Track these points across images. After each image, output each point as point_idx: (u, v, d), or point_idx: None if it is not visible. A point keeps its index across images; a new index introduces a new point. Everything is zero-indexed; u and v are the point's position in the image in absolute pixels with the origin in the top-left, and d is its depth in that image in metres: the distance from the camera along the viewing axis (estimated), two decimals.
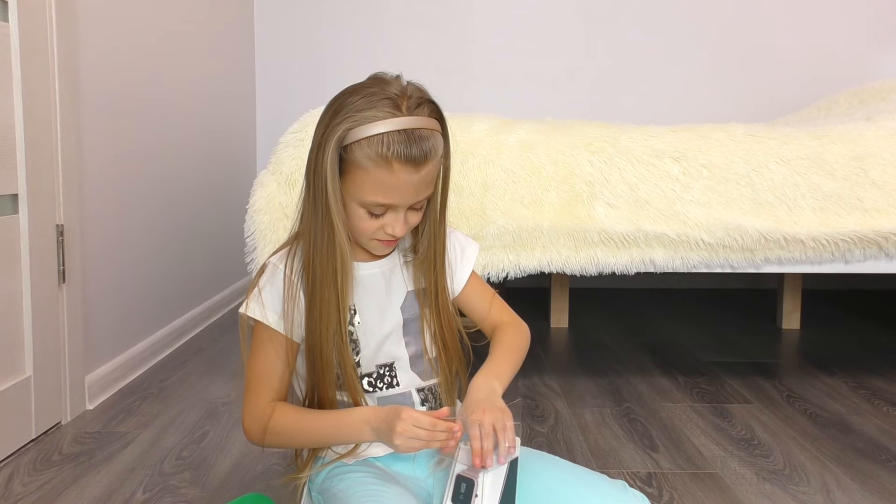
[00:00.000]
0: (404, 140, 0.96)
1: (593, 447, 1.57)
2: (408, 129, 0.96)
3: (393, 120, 0.96)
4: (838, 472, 1.45)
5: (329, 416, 1.05)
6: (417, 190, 1.00)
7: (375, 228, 1.02)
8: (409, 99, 0.99)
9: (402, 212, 1.01)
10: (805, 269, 1.89)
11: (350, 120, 0.97)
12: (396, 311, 1.11)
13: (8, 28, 1.49)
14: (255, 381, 1.07)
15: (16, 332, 1.53)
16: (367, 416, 1.01)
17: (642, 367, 2.17)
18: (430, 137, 0.98)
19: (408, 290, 1.12)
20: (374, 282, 1.10)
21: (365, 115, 0.97)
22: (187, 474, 1.42)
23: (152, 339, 2.18)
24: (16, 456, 1.50)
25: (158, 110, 2.25)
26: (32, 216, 1.56)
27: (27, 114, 1.54)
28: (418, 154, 0.96)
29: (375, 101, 0.97)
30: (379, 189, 0.98)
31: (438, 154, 1.01)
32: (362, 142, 0.96)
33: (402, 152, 0.95)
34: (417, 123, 0.97)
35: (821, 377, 2.08)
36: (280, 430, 1.05)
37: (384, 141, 0.95)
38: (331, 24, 3.30)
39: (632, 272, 1.86)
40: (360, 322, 1.09)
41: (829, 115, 2.77)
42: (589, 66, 3.32)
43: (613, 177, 1.84)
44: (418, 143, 0.96)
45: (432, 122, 1.00)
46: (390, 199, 0.99)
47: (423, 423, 0.94)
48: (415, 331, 1.12)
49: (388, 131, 0.96)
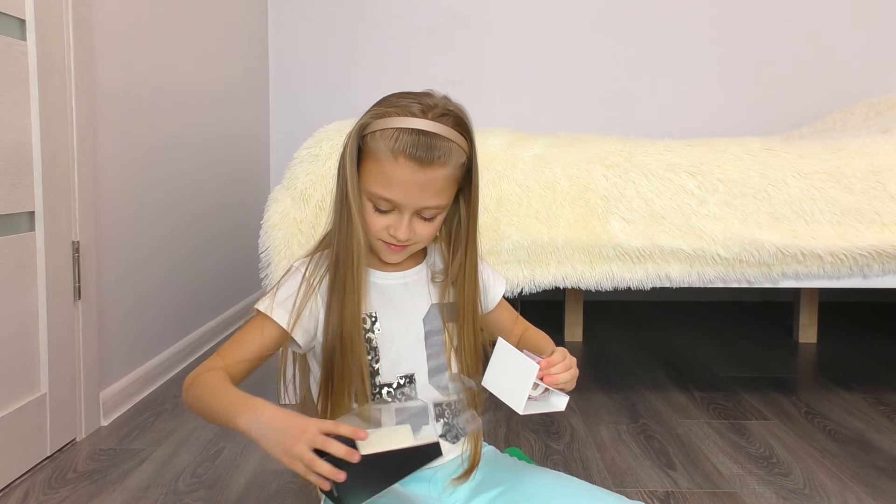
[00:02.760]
0: (415, 139, 0.99)
1: (609, 465, 1.56)
2: (422, 130, 0.99)
3: (412, 119, 1.00)
4: (859, 491, 1.43)
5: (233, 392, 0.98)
6: (422, 192, 1.01)
7: (381, 227, 1.04)
8: (436, 108, 1.02)
9: (406, 215, 1.02)
10: (823, 284, 1.88)
11: (375, 113, 1.02)
12: (419, 321, 1.11)
13: (26, 47, 1.50)
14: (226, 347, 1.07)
15: (31, 350, 1.54)
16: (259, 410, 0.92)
17: (658, 382, 2.15)
18: (443, 144, 1.00)
19: (432, 302, 1.12)
20: (397, 291, 1.11)
21: (390, 110, 1.01)
22: (202, 492, 1.42)
23: (166, 354, 2.18)
24: (31, 474, 1.50)
25: (174, 128, 2.26)
26: (49, 233, 1.57)
27: (44, 132, 1.54)
28: (425, 154, 0.99)
29: (407, 103, 1.01)
30: (384, 181, 1.00)
31: (450, 162, 1.01)
32: (377, 133, 1.00)
33: (410, 148, 0.98)
34: (434, 129, 1.00)
35: (839, 392, 2.06)
36: (197, 388, 1.01)
37: (396, 135, 0.99)
38: (345, 40, 3.31)
39: (647, 287, 1.85)
40: (381, 330, 1.09)
41: (845, 126, 2.75)
42: (602, 79, 3.32)
43: (629, 191, 1.83)
44: (428, 143, 0.99)
45: (452, 133, 1.01)
46: (393, 194, 1.00)
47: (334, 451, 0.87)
48: (437, 344, 1.12)
49: (402, 127, 0.99)
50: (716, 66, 3.31)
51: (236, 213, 2.84)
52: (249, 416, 0.92)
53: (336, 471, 0.86)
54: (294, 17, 3.32)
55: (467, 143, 1.04)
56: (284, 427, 0.89)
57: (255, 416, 0.92)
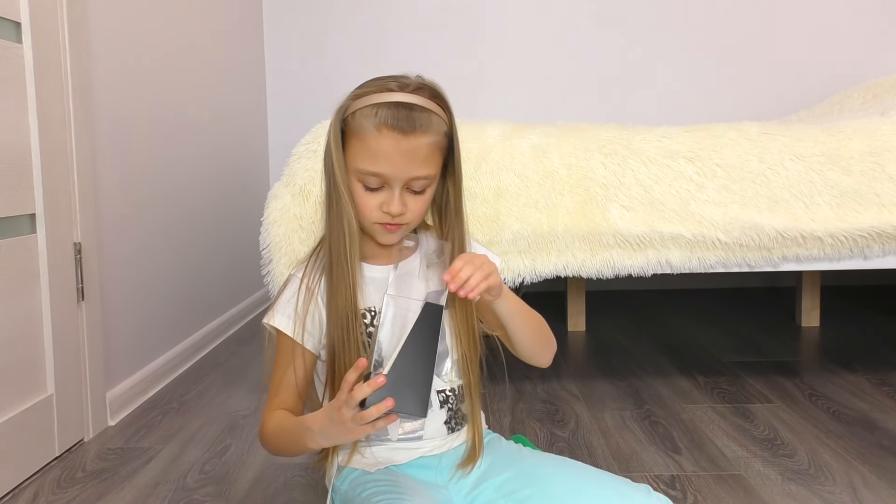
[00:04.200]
0: (394, 110, 1.02)
1: (615, 451, 1.56)
2: (400, 101, 1.03)
3: (387, 94, 1.04)
4: (864, 471, 1.44)
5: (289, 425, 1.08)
6: (409, 161, 1.03)
7: (374, 206, 1.06)
8: (413, 83, 1.06)
9: (396, 189, 1.05)
10: (823, 267, 1.88)
11: (353, 96, 1.06)
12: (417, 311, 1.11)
13: (21, 49, 1.51)
14: (271, 392, 1.13)
15: (36, 351, 1.55)
16: (310, 424, 1.02)
17: (661, 368, 2.16)
18: (422, 112, 1.04)
19: (428, 290, 1.13)
20: None
21: (365, 89, 1.06)
22: (210, 488, 1.42)
23: (171, 353, 2.19)
24: (40, 474, 1.51)
25: (171, 127, 2.27)
26: (50, 235, 1.58)
27: (42, 134, 1.55)
28: (406, 122, 1.02)
29: (384, 82, 1.06)
30: (370, 155, 1.03)
31: (431, 131, 1.05)
32: (357, 113, 1.04)
33: (390, 119, 1.02)
34: (410, 99, 1.04)
35: (843, 374, 2.06)
36: (267, 438, 1.11)
37: (376, 110, 1.03)
38: (341, 34, 3.31)
39: (648, 274, 1.85)
40: None
41: (843, 110, 2.75)
42: (599, 68, 3.32)
43: (627, 179, 1.83)
44: (407, 112, 1.02)
45: (428, 103, 1.05)
46: (380, 167, 1.03)
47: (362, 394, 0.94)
48: None
49: (380, 102, 1.03)
50: (713, 52, 3.30)
51: (236, 210, 2.85)
52: (309, 436, 1.02)
53: (381, 405, 0.93)
54: (289, 12, 3.32)
55: (446, 114, 1.08)
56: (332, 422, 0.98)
57: (311, 433, 1.02)
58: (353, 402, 0.94)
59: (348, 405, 0.94)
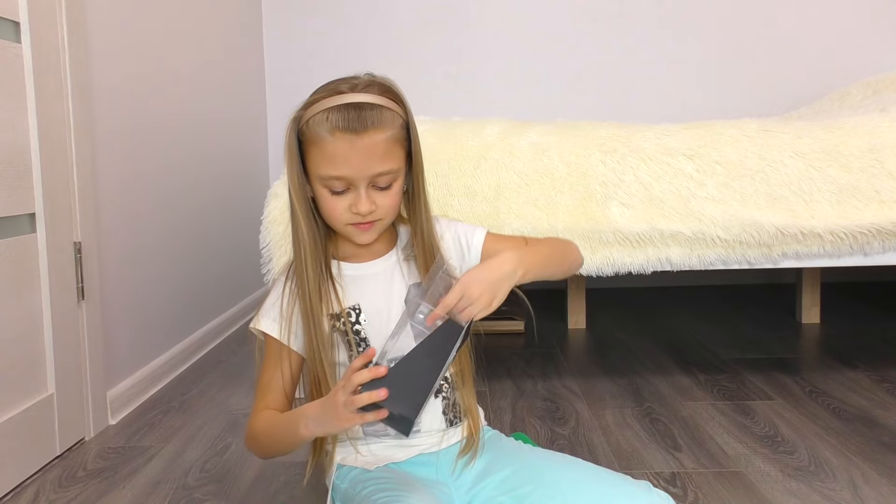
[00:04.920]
0: (344, 111, 1.03)
1: (615, 448, 1.57)
2: (350, 102, 1.04)
3: (336, 97, 1.04)
4: (864, 467, 1.44)
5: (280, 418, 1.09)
6: (367, 159, 1.04)
7: (343, 209, 1.07)
8: (362, 82, 1.07)
9: (361, 188, 1.05)
10: (823, 263, 1.88)
11: (306, 103, 1.07)
12: (400, 305, 1.13)
13: (20, 49, 1.51)
14: (259, 395, 1.15)
15: (37, 351, 1.55)
16: (305, 409, 1.04)
17: (662, 365, 2.16)
18: (374, 110, 1.04)
19: (409, 283, 1.14)
20: (373, 281, 1.14)
21: (318, 96, 1.06)
22: (211, 487, 1.43)
23: (172, 352, 2.19)
24: (41, 473, 1.51)
25: (171, 126, 2.27)
26: (50, 235, 1.58)
27: (42, 133, 1.55)
28: (357, 122, 1.03)
29: (334, 86, 1.07)
30: (328, 160, 1.04)
31: (385, 126, 1.05)
32: (310, 120, 1.05)
33: (341, 121, 1.03)
34: (359, 98, 1.04)
35: (843, 371, 2.06)
36: (256, 437, 1.11)
37: (327, 115, 1.03)
38: (340, 34, 3.31)
39: (648, 271, 1.85)
40: (367, 321, 1.12)
41: (843, 106, 2.75)
42: (598, 65, 3.31)
43: (627, 176, 1.83)
44: (357, 112, 1.03)
45: (381, 99, 1.06)
46: (339, 169, 1.04)
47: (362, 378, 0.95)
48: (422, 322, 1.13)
49: (332, 106, 1.04)
50: (712, 50, 3.30)
51: (236, 209, 2.85)
52: (303, 422, 1.02)
53: (374, 392, 0.94)
54: (288, 10, 3.32)
55: (400, 106, 1.08)
56: (325, 407, 0.99)
57: (306, 419, 1.02)
58: (351, 385, 0.95)
59: (345, 389, 0.95)
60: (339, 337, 1.11)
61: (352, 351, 1.10)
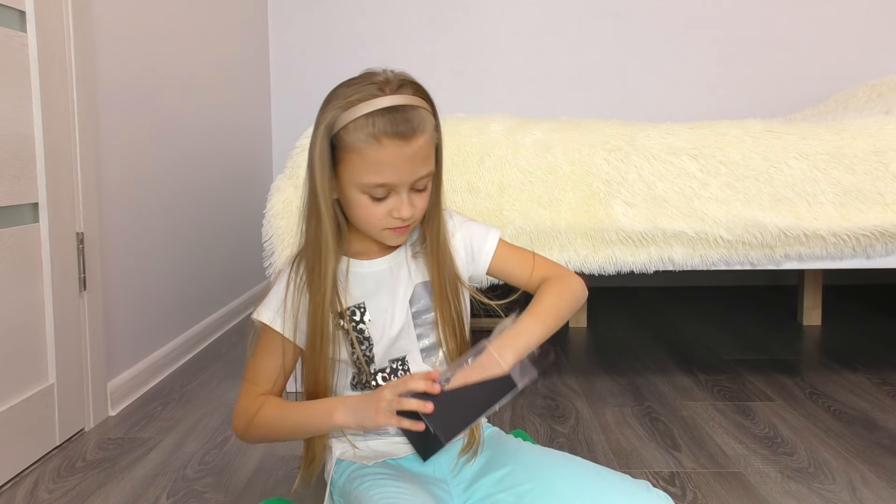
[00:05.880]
0: (390, 117, 0.99)
1: (615, 447, 1.56)
2: (392, 106, 1.00)
3: (376, 100, 1.00)
4: (864, 470, 1.43)
5: (307, 404, 1.08)
6: (412, 165, 1.01)
7: (382, 215, 1.04)
8: (391, 83, 1.02)
9: (404, 192, 1.03)
10: (826, 265, 1.88)
11: (336, 108, 1.02)
12: (405, 305, 1.12)
13: (26, 38, 1.51)
14: (249, 379, 1.13)
15: (38, 340, 1.55)
16: (344, 399, 1.04)
17: (662, 365, 2.16)
18: (416, 112, 1.01)
19: (415, 282, 1.13)
20: (380, 278, 1.12)
21: (349, 100, 1.01)
22: (210, 479, 1.43)
23: (173, 344, 2.19)
24: (40, 463, 1.51)
25: (175, 118, 2.26)
26: (53, 225, 1.58)
27: (46, 123, 1.55)
28: (405, 128, 0.99)
29: (360, 88, 1.02)
30: (374, 168, 1.00)
31: (427, 128, 1.03)
32: (349, 126, 1.00)
33: (390, 128, 0.98)
34: (400, 101, 1.00)
35: (844, 374, 2.06)
36: (263, 423, 1.09)
37: (370, 120, 0.99)
38: (345, 28, 3.31)
39: (650, 270, 1.85)
40: (371, 319, 1.10)
41: (848, 109, 2.74)
42: (604, 64, 3.31)
43: (630, 175, 1.83)
44: (404, 117, 1.00)
45: (416, 100, 1.03)
46: (386, 177, 1.00)
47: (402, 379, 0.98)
48: (427, 322, 1.13)
49: (372, 111, 0.99)
50: (717, 50, 3.30)
51: (239, 202, 2.85)
52: (340, 410, 1.02)
53: (423, 402, 0.95)
54: (294, 6, 3.31)
55: (430, 105, 1.06)
56: (366, 400, 1.00)
57: (344, 408, 1.02)
58: (403, 388, 0.96)
59: (394, 389, 0.97)
60: (342, 335, 1.10)
61: (353, 349, 1.09)
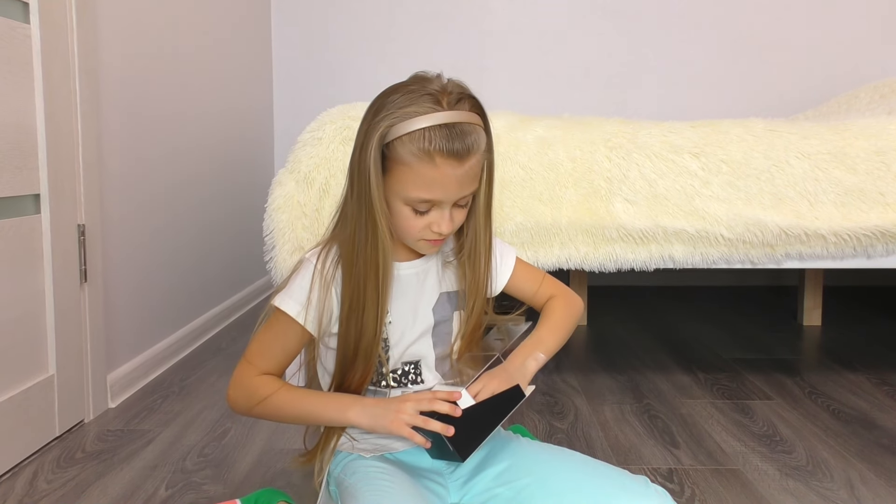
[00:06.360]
0: (446, 134, 0.96)
1: (613, 443, 1.57)
2: (449, 123, 0.96)
3: (434, 115, 0.96)
4: (862, 468, 1.44)
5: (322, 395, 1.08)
6: (461, 185, 0.99)
7: (422, 227, 1.02)
8: (450, 94, 0.99)
9: (447, 208, 1.01)
10: (827, 265, 1.88)
11: (391, 117, 0.97)
12: (428, 312, 1.11)
13: (29, 29, 1.51)
14: (256, 353, 1.09)
15: (39, 331, 1.55)
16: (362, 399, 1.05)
17: (662, 363, 2.16)
18: (472, 132, 0.98)
19: (441, 291, 1.12)
20: (408, 282, 1.11)
21: (406, 111, 0.97)
22: (209, 471, 1.43)
23: (173, 338, 2.19)
24: (40, 454, 1.52)
25: (177, 111, 2.27)
26: (54, 216, 1.58)
27: (48, 115, 1.55)
28: (461, 148, 0.97)
29: (416, 98, 0.98)
30: (423, 185, 0.98)
31: (481, 148, 1.01)
32: (404, 138, 0.96)
33: (445, 146, 0.96)
34: (459, 118, 0.97)
35: (843, 373, 2.06)
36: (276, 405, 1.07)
37: (426, 136, 0.96)
38: (347, 24, 3.31)
39: (651, 268, 1.85)
40: (392, 322, 1.09)
41: (850, 110, 2.74)
42: (606, 63, 3.31)
43: (632, 173, 1.83)
44: (460, 136, 0.97)
45: (473, 117, 1.00)
46: (434, 194, 0.98)
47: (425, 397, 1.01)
48: (444, 332, 1.12)
49: (429, 126, 0.96)
50: (720, 51, 3.29)
51: (241, 196, 2.85)
52: (357, 408, 1.03)
53: (443, 425, 0.98)
54: (296, 1, 3.31)
55: (485, 122, 1.03)
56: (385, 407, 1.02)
57: (362, 408, 1.03)
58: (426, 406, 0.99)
59: (417, 403, 0.99)
60: None
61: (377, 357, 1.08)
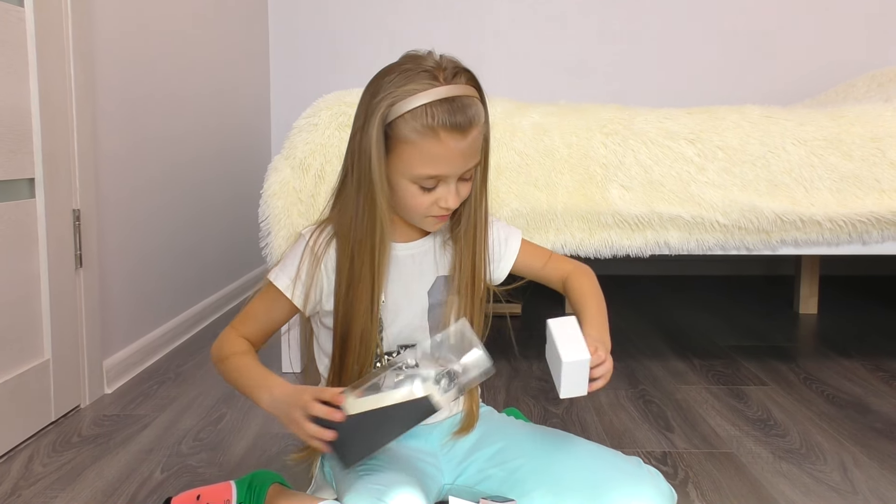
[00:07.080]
0: (448, 108, 0.97)
1: (608, 427, 1.57)
2: (449, 97, 0.97)
3: (433, 90, 0.97)
4: (855, 451, 1.44)
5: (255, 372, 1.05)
6: (466, 157, 1.00)
7: (429, 204, 1.03)
8: (446, 70, 1.00)
9: (452, 183, 1.02)
10: (822, 251, 1.88)
11: (391, 96, 0.98)
12: (423, 294, 1.11)
13: (23, 13, 1.50)
14: (242, 317, 1.12)
15: (34, 316, 1.55)
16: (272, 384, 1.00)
17: (658, 350, 2.17)
18: (472, 104, 1.00)
19: (437, 274, 1.12)
20: (405, 263, 1.11)
21: (405, 89, 0.98)
22: (204, 455, 1.43)
23: (169, 325, 2.20)
24: (36, 438, 1.52)
25: (173, 96, 2.26)
26: (49, 201, 1.58)
27: (43, 98, 1.55)
28: (463, 121, 0.97)
29: (413, 76, 0.98)
30: (428, 161, 0.98)
31: (482, 120, 1.02)
32: (406, 116, 0.97)
33: (448, 120, 0.96)
34: (458, 91, 0.98)
35: (838, 360, 2.07)
36: (228, 368, 1.07)
37: (428, 112, 0.96)
38: (344, 10, 3.30)
39: (646, 255, 1.85)
40: (385, 302, 1.09)
41: (847, 99, 2.74)
42: (603, 51, 3.30)
43: (628, 159, 1.83)
44: (462, 110, 0.98)
45: (471, 90, 1.01)
46: (440, 169, 0.99)
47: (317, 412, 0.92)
48: (439, 316, 1.12)
49: (430, 101, 0.97)
50: (718, 40, 3.29)
51: (237, 182, 2.85)
52: (267, 395, 1.00)
53: (322, 430, 0.91)
54: None
55: (481, 94, 1.04)
56: (288, 399, 0.96)
57: (271, 395, 0.99)
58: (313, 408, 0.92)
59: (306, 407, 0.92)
60: None
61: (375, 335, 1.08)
